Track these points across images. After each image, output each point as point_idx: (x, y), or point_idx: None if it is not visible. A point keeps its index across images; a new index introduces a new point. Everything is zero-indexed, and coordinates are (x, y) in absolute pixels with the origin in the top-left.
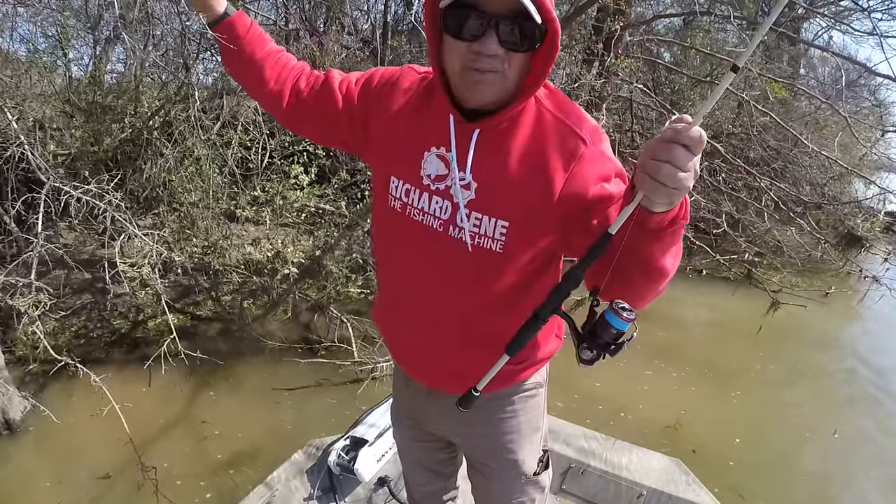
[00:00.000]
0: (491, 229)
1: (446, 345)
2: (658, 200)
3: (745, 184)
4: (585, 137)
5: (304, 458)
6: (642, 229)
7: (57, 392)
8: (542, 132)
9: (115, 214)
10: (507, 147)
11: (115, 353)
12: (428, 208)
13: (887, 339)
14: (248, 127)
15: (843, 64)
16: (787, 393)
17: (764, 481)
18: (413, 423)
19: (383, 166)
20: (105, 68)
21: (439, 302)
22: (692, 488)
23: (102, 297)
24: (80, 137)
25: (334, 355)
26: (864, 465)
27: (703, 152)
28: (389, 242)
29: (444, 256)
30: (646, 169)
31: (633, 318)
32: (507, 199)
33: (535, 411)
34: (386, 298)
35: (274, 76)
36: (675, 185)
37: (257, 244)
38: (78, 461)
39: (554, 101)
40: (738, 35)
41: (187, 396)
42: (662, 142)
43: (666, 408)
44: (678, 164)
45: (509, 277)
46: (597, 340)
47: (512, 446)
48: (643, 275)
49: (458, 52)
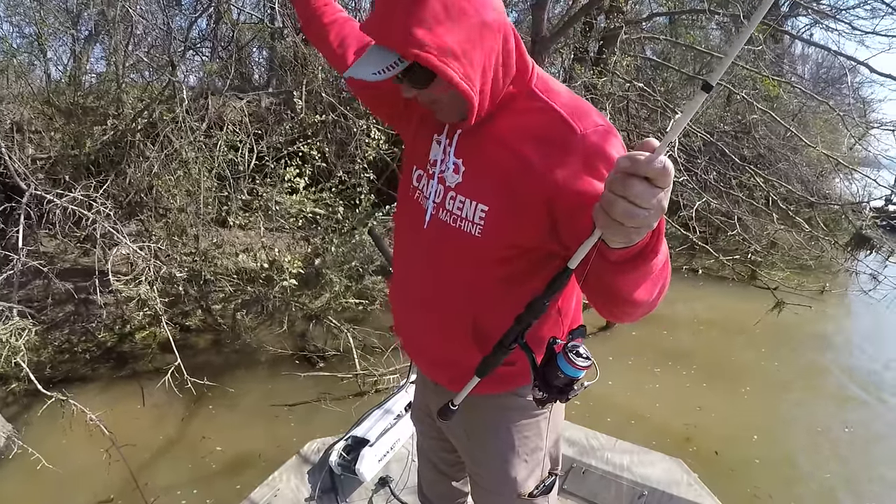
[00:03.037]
0: (471, 213)
1: (431, 331)
2: (615, 238)
3: (739, 182)
4: (578, 128)
5: (306, 458)
6: (604, 261)
7: (43, 413)
8: (533, 121)
9: (106, 225)
10: (494, 134)
11: (102, 368)
12: (427, 192)
13: (885, 335)
14: (234, 128)
15: (826, 60)
16: (794, 390)
17: (787, 479)
18: (429, 420)
19: (409, 156)
20: (85, 67)
21: (426, 285)
22: (693, 488)
23: (86, 308)
24: (60, 140)
25: (334, 367)
26: (880, 458)
27: (695, 149)
28: (401, 227)
29: (433, 238)
30: (602, 203)
31: (587, 364)
32: (488, 184)
33: (532, 430)
34: (395, 283)
35: (337, 40)
36: (633, 224)
37: (250, 252)
38: (75, 486)
39: (557, 95)
40: (722, 31)
41: (183, 412)
42: (619, 172)
43: (681, 408)
44: (636, 201)
45: (489, 266)
46: (547, 382)
47: (504, 464)
48: (615, 305)
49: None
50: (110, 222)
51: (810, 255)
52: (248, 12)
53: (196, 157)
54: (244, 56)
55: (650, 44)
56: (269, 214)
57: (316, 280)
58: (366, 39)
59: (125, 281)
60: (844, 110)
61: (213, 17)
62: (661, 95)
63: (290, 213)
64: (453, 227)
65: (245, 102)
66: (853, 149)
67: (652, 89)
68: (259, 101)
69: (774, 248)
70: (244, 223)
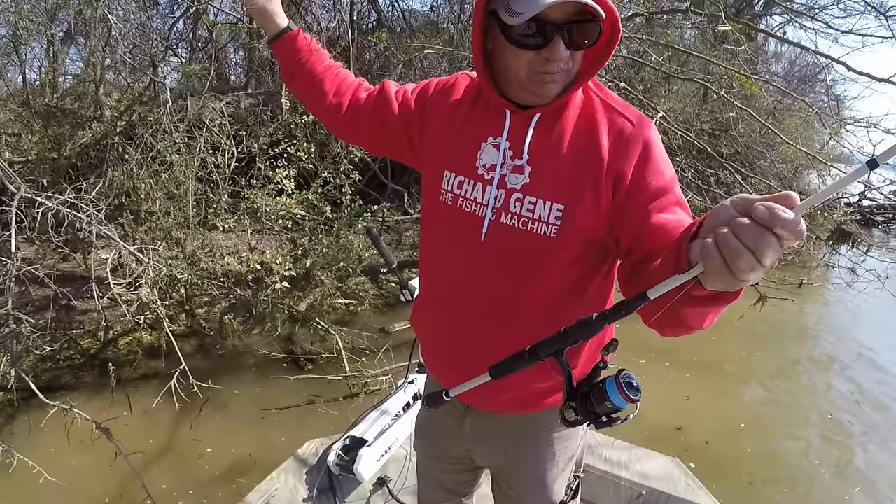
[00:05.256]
0: (546, 213)
1: (487, 345)
2: (717, 284)
3: (717, 179)
4: (632, 119)
5: (304, 458)
6: (686, 294)
7: (24, 423)
8: (592, 115)
9: (101, 228)
10: (561, 130)
11: (86, 376)
12: (481, 198)
13: (861, 326)
14: (219, 130)
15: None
16: (776, 379)
17: (777, 466)
18: (439, 444)
19: (438, 162)
20: (61, 69)
21: (486, 295)
22: (692, 488)
23: (67, 314)
24: (38, 143)
25: (322, 369)
26: (861, 443)
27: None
28: (438, 237)
29: (495, 245)
30: (721, 246)
31: (636, 398)
32: (561, 181)
33: (571, 440)
34: (428, 298)
35: (333, 89)
36: (747, 279)
37: (235, 254)
38: (69, 496)
39: (601, 90)
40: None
41: (172, 417)
42: (756, 222)
43: (669, 399)
44: (761, 257)
45: (561, 268)
46: (587, 406)
47: (545, 475)
48: (672, 328)
49: (526, 60)
50: (105, 225)
51: (790, 249)
52: (226, 12)
53: (182, 160)
54: (222, 57)
55: (627, 43)
56: (257, 216)
57: (305, 282)
58: (359, 94)
59: (125, 284)
60: (820, 107)
61: (191, 17)
62: (639, 94)
63: (279, 215)
64: (523, 230)
65: (224, 104)
66: (826, 146)
67: (632, 88)
68: (238, 103)
69: None
70: (229, 226)
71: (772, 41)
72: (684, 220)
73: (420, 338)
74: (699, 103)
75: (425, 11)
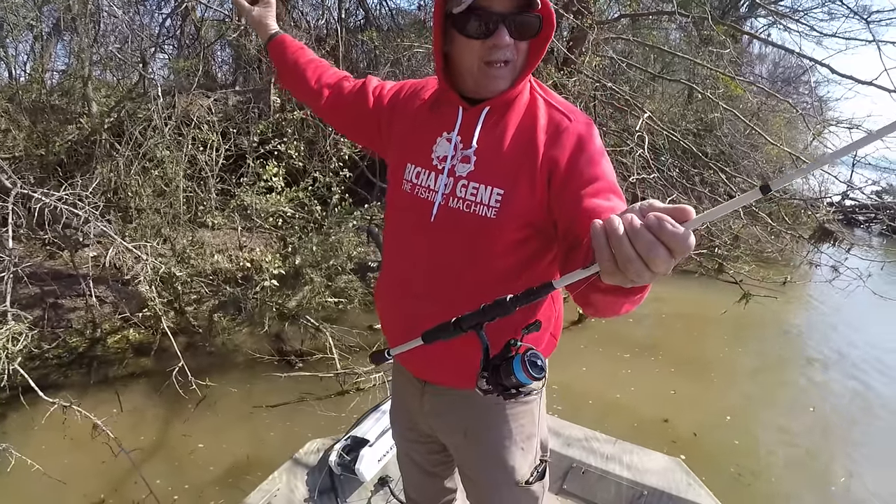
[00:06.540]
0: (487, 197)
1: (428, 322)
2: (611, 281)
3: (702, 178)
4: (570, 116)
5: (305, 458)
6: (591, 284)
7: (16, 420)
8: (535, 112)
9: (98, 225)
10: (505, 125)
11: (74, 375)
12: (433, 185)
13: (843, 322)
14: (208, 127)
15: (782, 60)
16: (759, 373)
17: (763, 457)
18: (410, 424)
19: (401, 156)
20: (48, 65)
21: (430, 274)
22: (693, 488)
23: (55, 312)
24: (26, 139)
25: (313, 367)
26: (842, 435)
27: (659, 146)
28: (396, 223)
29: (443, 227)
30: (615, 249)
31: (541, 377)
32: (502, 169)
33: (527, 417)
34: (384, 279)
35: (315, 77)
36: (638, 282)
37: (225, 252)
38: (66, 494)
39: (547, 92)
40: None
41: (161, 414)
42: (648, 229)
43: (655, 392)
44: (652, 266)
45: (500, 250)
46: (497, 379)
47: (503, 453)
48: (595, 313)
49: (474, 50)
50: (102, 221)
51: (774, 247)
52: (214, 8)
53: (173, 156)
54: (209, 54)
55: (613, 43)
56: (247, 213)
57: (294, 279)
58: (342, 85)
59: (124, 281)
60: (803, 109)
61: (179, 14)
62: (626, 94)
63: (269, 213)
64: (467, 212)
65: (212, 101)
66: (809, 146)
67: (618, 88)
68: (226, 100)
69: (737, 242)
70: (219, 224)
71: (756, 43)
72: (617, 207)
73: (379, 316)
74: (684, 104)
75: (413, 10)
